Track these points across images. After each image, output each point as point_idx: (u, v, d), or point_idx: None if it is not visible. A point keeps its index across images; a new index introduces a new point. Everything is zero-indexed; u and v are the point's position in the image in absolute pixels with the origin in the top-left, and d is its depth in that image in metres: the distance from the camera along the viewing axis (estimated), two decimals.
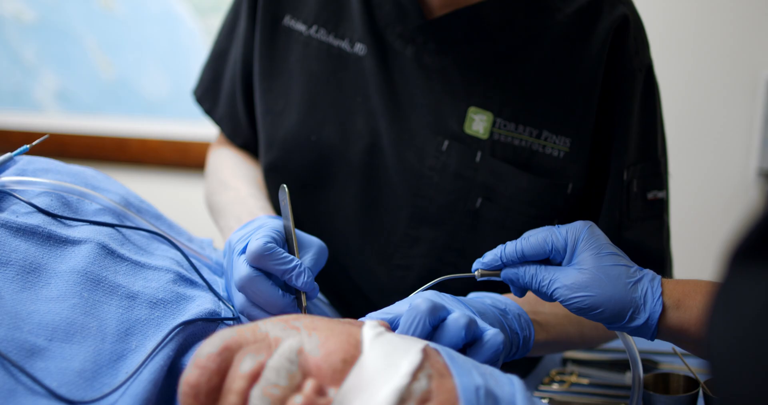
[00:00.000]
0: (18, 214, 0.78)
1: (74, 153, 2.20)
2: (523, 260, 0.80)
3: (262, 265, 0.79)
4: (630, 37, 0.97)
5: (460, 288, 0.93)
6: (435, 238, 1.00)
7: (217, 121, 1.18)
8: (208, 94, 1.19)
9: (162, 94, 2.09)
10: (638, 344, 0.84)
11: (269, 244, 0.79)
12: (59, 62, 2.17)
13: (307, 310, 0.83)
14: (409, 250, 1.02)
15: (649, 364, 1.06)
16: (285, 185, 0.87)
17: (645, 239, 1.01)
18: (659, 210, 1.01)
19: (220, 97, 1.17)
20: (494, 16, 0.98)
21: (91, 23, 2.11)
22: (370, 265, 1.05)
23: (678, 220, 1.19)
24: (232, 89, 1.14)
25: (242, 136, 1.16)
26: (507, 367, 1.05)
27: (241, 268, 0.79)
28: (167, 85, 2.07)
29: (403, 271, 1.03)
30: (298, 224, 1.06)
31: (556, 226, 0.81)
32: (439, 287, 0.81)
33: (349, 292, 1.08)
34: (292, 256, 0.80)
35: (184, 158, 2.08)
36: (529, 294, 0.86)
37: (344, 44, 1.03)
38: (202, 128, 1.99)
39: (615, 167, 0.98)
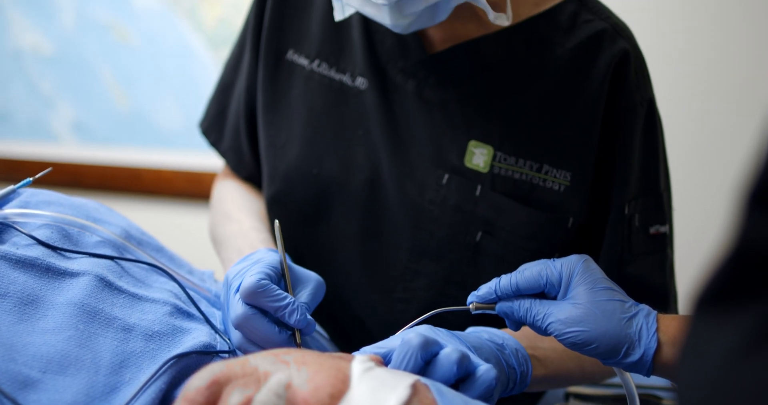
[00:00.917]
0: (18, 246, 0.79)
1: (88, 183, 2.22)
2: (518, 294, 0.80)
3: (256, 302, 0.79)
4: (631, 72, 0.97)
5: (460, 322, 0.93)
6: (435, 271, 1.00)
7: (222, 153, 1.20)
8: (213, 127, 1.20)
9: (175, 125, 2.11)
10: (642, 379, 0.83)
11: (263, 281, 0.80)
12: (76, 94, 2.20)
13: (306, 345, 0.83)
14: (410, 284, 1.02)
15: (652, 400, 1.05)
16: (278, 221, 0.88)
17: (647, 274, 1.00)
18: (662, 244, 1.01)
19: (225, 130, 1.18)
20: (495, 50, 0.99)
21: (108, 56, 2.14)
22: (371, 298, 1.05)
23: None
24: (236, 122, 1.16)
25: (246, 168, 1.17)
26: (508, 403, 1.05)
27: (237, 307, 0.79)
28: (181, 117, 2.10)
29: (404, 304, 1.03)
30: (300, 257, 1.07)
31: (552, 259, 0.81)
32: (438, 321, 0.81)
33: (350, 325, 1.08)
34: (285, 294, 0.80)
35: (197, 189, 2.10)
36: (529, 329, 0.85)
37: (345, 78, 1.04)
38: (215, 159, 2.00)
39: (616, 201, 0.98)
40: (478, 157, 0.98)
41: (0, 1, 2.19)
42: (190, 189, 2.13)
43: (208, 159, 2.05)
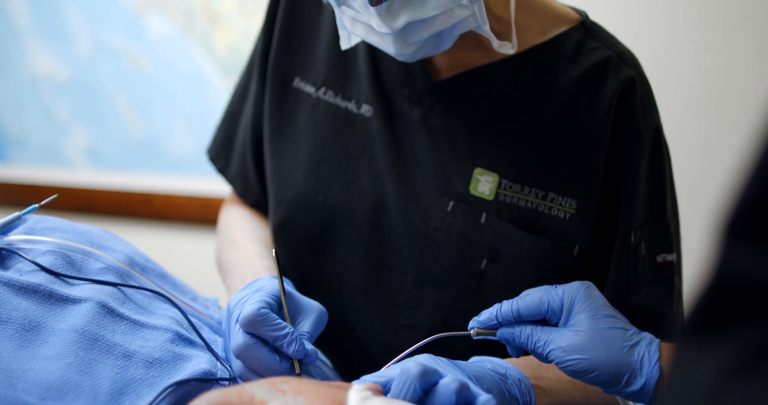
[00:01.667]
0: (22, 272, 0.80)
1: (101, 208, 2.24)
2: (519, 320, 0.80)
3: (255, 331, 0.79)
4: (636, 99, 0.97)
5: (465, 350, 0.92)
6: (440, 298, 1.00)
7: (230, 180, 1.20)
8: (221, 154, 1.21)
9: (187, 150, 2.13)
10: None
11: (262, 310, 0.80)
12: (90, 119, 2.22)
13: (308, 374, 0.82)
14: (415, 311, 1.01)
15: None
16: (275, 250, 0.88)
17: (654, 303, 0.99)
18: (669, 273, 1.00)
19: (232, 157, 1.19)
20: (500, 78, 0.99)
21: (122, 82, 2.16)
22: (376, 326, 1.04)
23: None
24: (243, 149, 1.16)
25: (253, 195, 1.18)
26: None
27: (237, 336, 0.79)
28: (192, 142, 2.11)
29: (409, 331, 1.02)
30: (305, 283, 1.07)
31: (554, 286, 0.81)
32: (442, 350, 0.80)
33: (355, 352, 1.08)
34: (284, 323, 0.80)
35: (208, 214, 2.11)
36: (534, 358, 0.85)
37: (351, 106, 1.05)
38: (226, 185, 2.01)
39: (622, 229, 0.97)
40: (484, 184, 0.98)
41: (18, 28, 2.22)
42: (202, 214, 2.14)
43: (219, 184, 2.05)
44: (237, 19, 2.00)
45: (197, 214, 2.15)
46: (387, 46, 0.88)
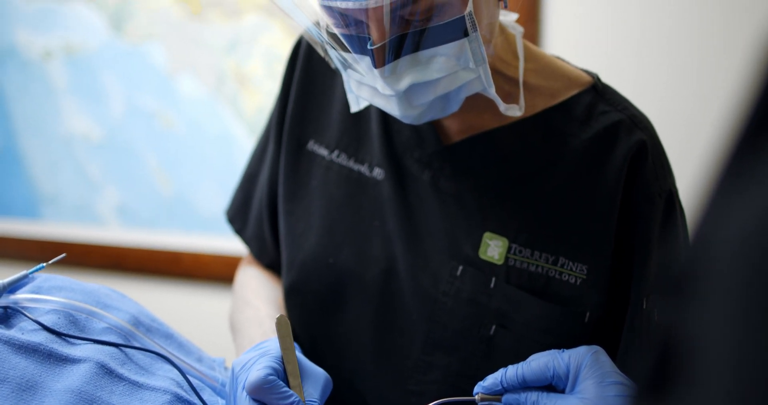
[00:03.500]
0: (24, 331, 0.80)
1: (130, 265, 2.26)
2: (525, 385, 0.78)
3: (261, 397, 0.79)
4: (648, 163, 0.96)
5: None
6: (449, 364, 0.98)
7: (246, 241, 1.21)
8: (238, 215, 1.22)
9: (215, 209, 2.15)
10: None
11: (270, 377, 0.79)
12: (121, 178, 2.25)
13: None
14: (424, 376, 1.00)
15: None
16: (279, 316, 0.88)
17: None
18: None
19: (249, 218, 1.20)
20: (510, 141, 0.99)
21: (153, 142, 2.20)
22: (384, 390, 1.03)
23: None
24: (259, 211, 1.17)
25: (269, 256, 1.18)
26: None
27: (243, 404, 0.79)
28: (221, 202, 2.13)
29: (417, 397, 1.00)
30: (314, 345, 1.06)
31: (561, 350, 0.79)
32: None
33: None
34: (291, 392, 0.80)
35: (234, 273, 2.11)
36: None
37: (364, 169, 1.05)
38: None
39: (634, 295, 0.95)
40: (493, 248, 0.97)
41: (56, 89, 2.28)
42: (229, 273, 2.14)
43: None
44: (265, 81, 2.04)
45: (224, 272, 2.15)
46: (392, 108, 0.88)
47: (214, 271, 2.17)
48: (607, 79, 1.04)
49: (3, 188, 2.41)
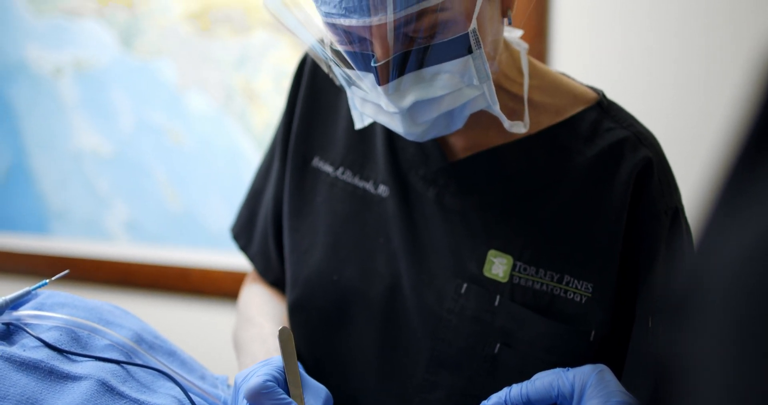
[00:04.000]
0: (26, 348, 0.80)
1: (138, 281, 2.26)
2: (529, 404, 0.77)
3: (259, 403, 0.79)
4: (654, 180, 0.95)
5: None
6: (453, 383, 0.97)
7: (251, 257, 1.20)
8: (243, 232, 1.21)
9: (224, 225, 2.14)
10: None
11: (268, 383, 0.79)
12: (130, 194, 2.26)
13: None
14: (428, 395, 0.99)
15: None
16: (282, 328, 0.88)
17: None
18: None
19: (254, 235, 1.19)
20: (515, 158, 0.98)
21: (162, 157, 2.21)
22: None
23: None
24: (264, 228, 1.17)
25: (273, 273, 1.18)
26: None
27: None
28: (229, 218, 2.12)
29: None
30: (318, 363, 1.05)
31: (565, 369, 0.78)
32: None
33: None
34: (289, 399, 0.79)
35: None
36: None
37: (369, 186, 1.05)
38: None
39: (640, 314, 0.94)
40: (498, 266, 0.96)
41: (65, 105, 2.29)
42: (237, 289, 2.14)
43: None
44: (273, 97, 2.04)
45: (233, 288, 2.15)
46: (396, 125, 0.88)
47: (222, 287, 2.16)
48: (614, 95, 1.04)
49: (13, 203, 2.42)
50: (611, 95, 1.03)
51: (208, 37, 2.11)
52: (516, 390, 0.78)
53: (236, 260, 2.12)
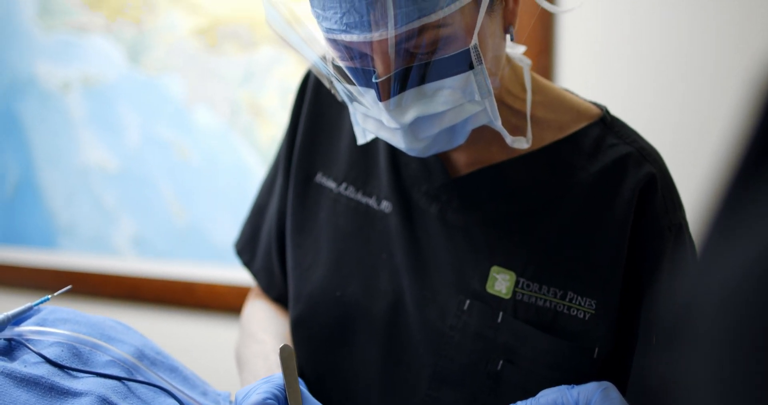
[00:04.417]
0: (27, 363, 0.80)
1: (145, 296, 2.26)
2: None
3: None
4: (657, 196, 0.95)
5: None
6: (456, 400, 0.97)
7: (254, 273, 1.20)
8: (246, 248, 1.21)
9: (230, 240, 2.14)
10: None
11: (269, 401, 0.79)
12: (137, 209, 2.26)
13: None
14: None
15: None
16: (283, 345, 0.87)
17: None
18: None
19: (257, 251, 1.19)
20: (518, 174, 0.98)
21: (169, 172, 2.21)
22: None
23: None
24: (268, 244, 1.16)
25: (277, 289, 1.17)
26: None
27: None
28: (235, 232, 2.12)
29: None
30: (321, 379, 1.05)
31: (570, 386, 0.78)
32: None
33: None
34: None
35: None
36: None
37: (372, 202, 1.04)
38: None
39: (643, 331, 0.94)
40: (501, 282, 0.96)
41: (73, 120, 2.30)
42: (242, 304, 2.14)
43: None
44: (279, 113, 2.05)
45: (239, 303, 2.14)
46: (398, 141, 0.88)
47: (228, 302, 2.16)
48: (620, 111, 1.03)
49: (21, 218, 2.43)
50: (617, 110, 1.03)
51: (214, 53, 2.12)
52: None
53: (242, 275, 2.11)
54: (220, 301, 2.18)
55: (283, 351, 0.86)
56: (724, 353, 0.30)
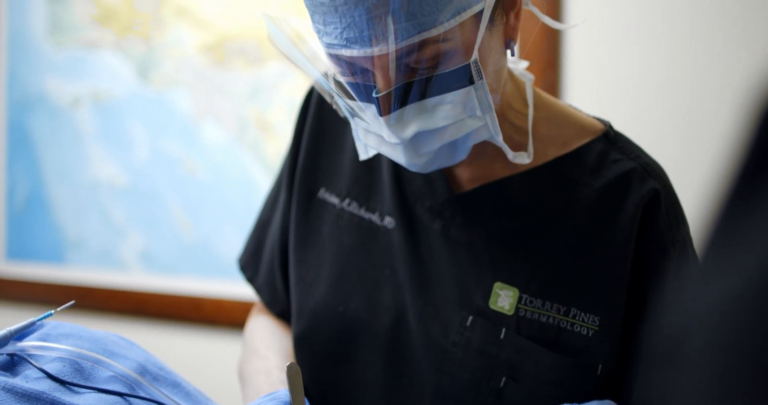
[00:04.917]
0: (28, 379, 0.80)
1: (152, 311, 2.26)
2: None
3: None
4: (661, 212, 0.94)
5: None
6: None
7: (257, 289, 1.20)
8: (250, 263, 1.21)
9: (237, 255, 2.15)
10: None
11: None
12: (145, 224, 2.27)
13: None
14: None
15: None
16: (290, 363, 0.87)
17: None
18: None
19: (260, 266, 1.19)
20: (521, 190, 0.98)
21: (176, 188, 2.22)
22: None
23: None
24: (271, 259, 1.16)
25: (280, 304, 1.17)
26: None
27: None
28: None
29: None
30: (323, 395, 1.04)
31: (572, 404, 0.77)
32: None
33: None
34: None
35: None
36: None
37: (374, 217, 1.04)
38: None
39: (646, 348, 0.93)
40: (504, 299, 0.96)
41: (83, 136, 2.32)
42: None
43: None
44: (286, 128, 2.06)
45: (245, 318, 2.14)
46: (398, 156, 0.88)
47: (235, 317, 2.16)
48: (626, 126, 1.03)
49: (31, 233, 2.44)
50: (623, 126, 1.03)
51: (222, 69, 2.13)
52: None
53: (249, 290, 2.11)
54: (227, 317, 2.18)
55: (290, 369, 0.86)
56: (722, 370, 0.30)
